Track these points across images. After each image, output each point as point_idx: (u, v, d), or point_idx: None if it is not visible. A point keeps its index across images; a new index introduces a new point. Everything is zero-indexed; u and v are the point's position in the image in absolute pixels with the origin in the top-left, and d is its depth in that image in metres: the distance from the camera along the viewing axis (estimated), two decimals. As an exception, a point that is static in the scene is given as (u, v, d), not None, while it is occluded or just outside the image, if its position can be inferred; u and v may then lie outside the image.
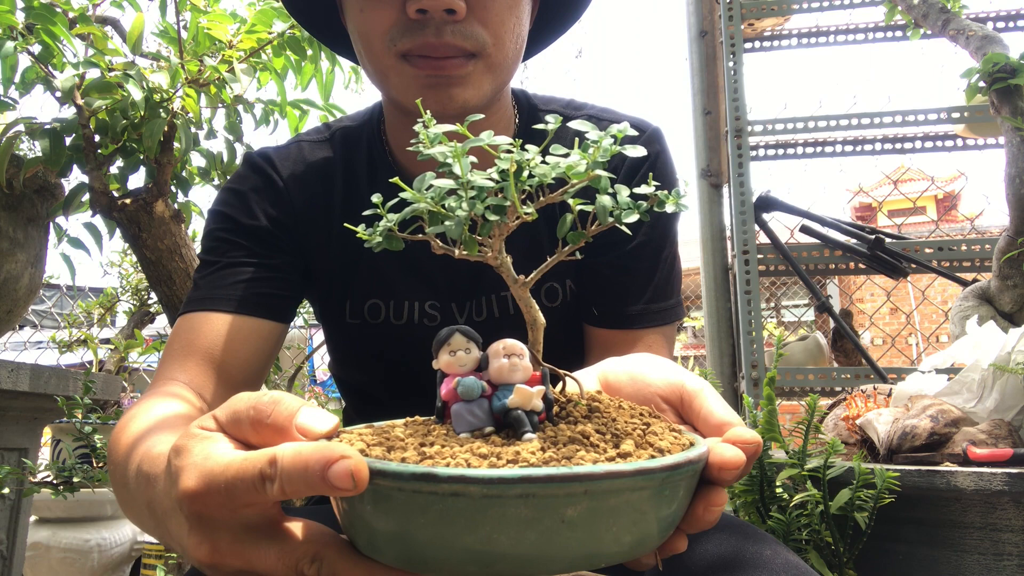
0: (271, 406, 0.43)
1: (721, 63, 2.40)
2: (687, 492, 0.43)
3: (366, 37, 0.81)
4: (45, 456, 2.51)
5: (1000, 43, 1.77)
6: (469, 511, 0.37)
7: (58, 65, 1.54)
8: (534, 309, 0.48)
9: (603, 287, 0.91)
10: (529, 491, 0.36)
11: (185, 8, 1.62)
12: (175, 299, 1.66)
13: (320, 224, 0.93)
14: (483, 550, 0.37)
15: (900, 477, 1.03)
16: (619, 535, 0.39)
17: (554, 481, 0.36)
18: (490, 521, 0.37)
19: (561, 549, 0.38)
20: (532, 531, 0.37)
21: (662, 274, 0.92)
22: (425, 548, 0.38)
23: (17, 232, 1.62)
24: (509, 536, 0.37)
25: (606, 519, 0.38)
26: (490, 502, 0.36)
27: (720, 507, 0.44)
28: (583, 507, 0.37)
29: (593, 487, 0.37)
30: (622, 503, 0.38)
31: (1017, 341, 1.18)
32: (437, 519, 0.37)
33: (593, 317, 0.92)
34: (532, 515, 0.37)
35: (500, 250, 0.46)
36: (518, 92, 0.99)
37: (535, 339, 0.48)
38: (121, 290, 3.19)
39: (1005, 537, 1.02)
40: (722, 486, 0.45)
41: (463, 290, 0.93)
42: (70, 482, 1.61)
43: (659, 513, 0.40)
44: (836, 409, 1.39)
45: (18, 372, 1.58)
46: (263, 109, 1.79)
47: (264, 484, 0.39)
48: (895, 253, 2.13)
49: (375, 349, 0.98)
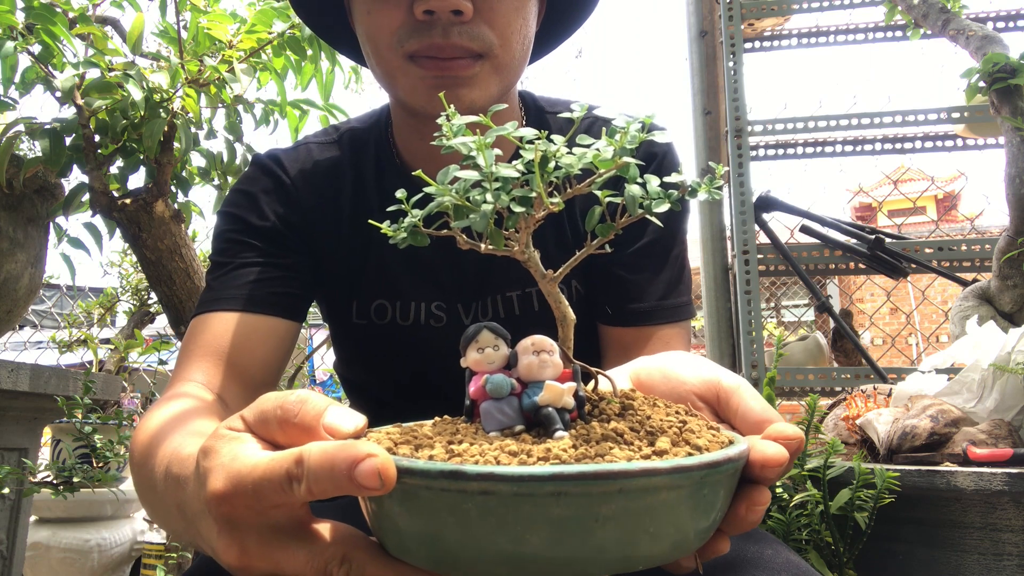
0: (298, 405, 0.42)
1: (721, 63, 2.40)
2: (728, 492, 0.42)
3: (373, 39, 0.82)
4: (45, 456, 2.51)
5: (1000, 43, 1.77)
6: (499, 510, 0.35)
7: (58, 65, 1.54)
8: (563, 305, 0.46)
9: (616, 286, 0.91)
10: (561, 489, 0.35)
11: (185, 8, 1.62)
12: (175, 299, 1.66)
13: (328, 225, 0.94)
14: (514, 551, 0.36)
15: (900, 477, 1.03)
16: (656, 536, 0.38)
17: (587, 479, 0.35)
18: (521, 520, 0.35)
19: (596, 550, 0.36)
20: (565, 531, 0.36)
21: (673, 271, 0.93)
22: (455, 549, 0.37)
23: (17, 232, 1.62)
24: (541, 536, 0.36)
25: (642, 519, 0.37)
26: (521, 500, 0.35)
27: (763, 506, 0.43)
28: (618, 506, 0.36)
29: (628, 485, 0.35)
30: (658, 502, 0.37)
31: (1017, 341, 1.18)
32: (466, 519, 0.36)
33: (607, 316, 0.92)
34: (565, 514, 0.35)
35: (527, 244, 0.45)
36: (524, 94, 0.99)
37: (565, 336, 0.46)
38: (121, 290, 3.19)
39: (1005, 537, 1.02)
40: (764, 485, 0.44)
41: (470, 290, 0.93)
42: (70, 482, 1.61)
43: (698, 513, 0.39)
44: (836, 409, 1.39)
45: (18, 372, 1.58)
46: (263, 109, 1.79)
47: (291, 484, 0.38)
48: (895, 253, 2.13)
49: (381, 349, 0.98)
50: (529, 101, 0.98)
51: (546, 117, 0.97)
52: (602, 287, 0.92)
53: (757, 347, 2.06)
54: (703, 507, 0.39)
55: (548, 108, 0.98)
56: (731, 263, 2.27)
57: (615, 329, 0.92)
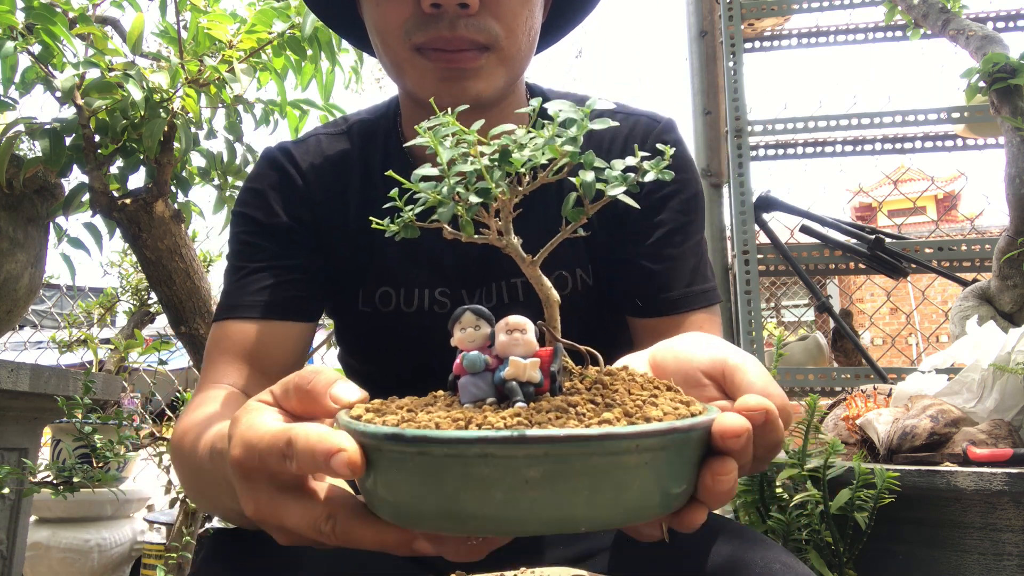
0: (312, 375, 0.50)
1: (721, 63, 2.40)
2: (685, 462, 0.43)
3: (382, 31, 0.83)
4: (45, 456, 2.51)
5: (1000, 43, 1.77)
6: (434, 470, 0.39)
7: (58, 65, 1.54)
8: (546, 287, 0.50)
9: (642, 278, 0.92)
10: (487, 451, 0.38)
11: (185, 8, 1.62)
12: (175, 299, 1.66)
13: (337, 216, 0.95)
14: (452, 508, 0.40)
15: (900, 477, 1.03)
16: (595, 501, 0.39)
17: (510, 442, 0.38)
18: (453, 480, 0.39)
19: (528, 511, 0.39)
20: (496, 491, 0.39)
21: (697, 258, 0.93)
22: (406, 504, 0.42)
23: (17, 232, 1.62)
24: (473, 495, 0.39)
25: (574, 482, 0.39)
26: (452, 461, 0.39)
27: (727, 476, 0.44)
28: (545, 469, 0.38)
29: (553, 450, 0.38)
30: (592, 467, 0.39)
31: (1017, 341, 1.18)
32: (410, 477, 0.40)
33: (637, 308, 0.92)
34: (493, 475, 0.38)
35: (508, 231, 0.48)
36: (534, 87, 1.00)
37: (551, 315, 0.50)
38: (121, 290, 3.19)
39: (1005, 537, 1.02)
40: (729, 455, 0.44)
41: (473, 277, 0.94)
42: (70, 482, 1.61)
43: (644, 481, 0.41)
44: (836, 409, 1.39)
45: (18, 372, 1.58)
46: (263, 109, 1.79)
47: (285, 460, 0.45)
48: (895, 253, 2.13)
49: (386, 336, 0.99)
50: (538, 93, 0.98)
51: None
52: (629, 281, 0.93)
53: (757, 347, 2.06)
54: (649, 475, 0.41)
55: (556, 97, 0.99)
56: (731, 263, 2.27)
57: (647, 321, 0.92)
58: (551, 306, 0.50)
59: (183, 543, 2.24)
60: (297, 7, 1.66)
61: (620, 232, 0.91)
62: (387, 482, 0.42)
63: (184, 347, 1.76)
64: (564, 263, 0.91)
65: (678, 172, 0.88)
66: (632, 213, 0.88)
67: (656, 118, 0.96)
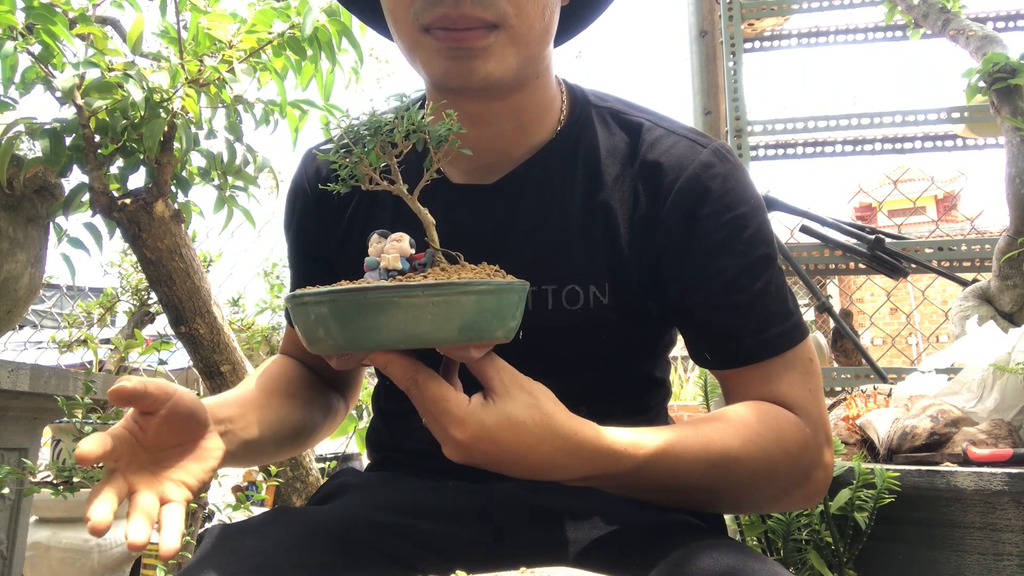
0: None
1: (721, 63, 2.40)
2: (484, 309, 0.61)
3: (393, 13, 0.82)
4: (45, 456, 2.51)
5: (1000, 43, 1.77)
6: (315, 312, 0.62)
7: (58, 65, 1.54)
8: (423, 212, 0.69)
9: (705, 329, 0.86)
10: (334, 299, 0.60)
11: (185, 8, 1.62)
12: (175, 299, 1.66)
13: (363, 212, 0.97)
14: (335, 332, 0.61)
15: (900, 477, 1.03)
16: (393, 325, 0.60)
17: (345, 292, 0.60)
18: (325, 317, 0.61)
19: (371, 331, 0.60)
20: (346, 322, 0.60)
21: (769, 298, 0.84)
22: (326, 335, 0.62)
23: (17, 232, 1.62)
24: (338, 325, 0.61)
25: (393, 317, 0.59)
26: (320, 306, 0.61)
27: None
28: (371, 308, 0.59)
29: (365, 297, 0.59)
30: (392, 304, 0.59)
31: (1017, 341, 1.18)
32: (314, 319, 0.62)
33: (706, 361, 0.87)
34: (340, 311, 0.60)
35: (397, 180, 0.68)
36: (574, 85, 0.97)
37: (429, 233, 0.69)
38: (121, 290, 3.19)
39: (1005, 537, 1.02)
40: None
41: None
42: (70, 482, 1.61)
43: (436, 316, 0.59)
44: (836, 409, 1.39)
45: (18, 372, 1.58)
46: (263, 109, 1.79)
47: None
48: (895, 253, 2.13)
49: None
50: (577, 92, 0.95)
51: (591, 109, 0.94)
52: (693, 331, 0.88)
53: (757, 347, 2.05)
54: (438, 312, 0.59)
55: (596, 101, 0.95)
56: (731, 263, 2.27)
57: (721, 373, 0.88)
58: (429, 226, 0.69)
59: (183, 543, 2.23)
60: (297, 7, 1.66)
61: (682, 278, 0.85)
62: (310, 324, 0.63)
63: (184, 347, 1.76)
64: (577, 278, 0.87)
65: (731, 209, 0.82)
66: (691, 263, 0.83)
67: (701, 142, 0.86)
